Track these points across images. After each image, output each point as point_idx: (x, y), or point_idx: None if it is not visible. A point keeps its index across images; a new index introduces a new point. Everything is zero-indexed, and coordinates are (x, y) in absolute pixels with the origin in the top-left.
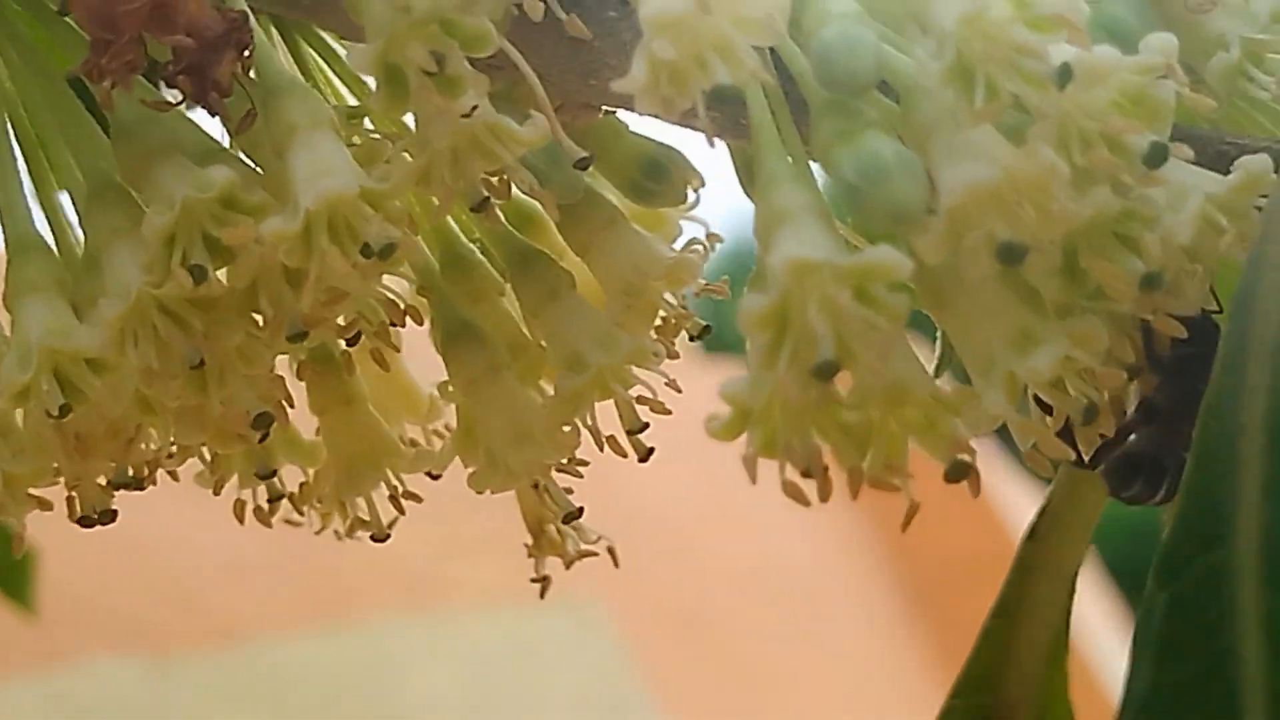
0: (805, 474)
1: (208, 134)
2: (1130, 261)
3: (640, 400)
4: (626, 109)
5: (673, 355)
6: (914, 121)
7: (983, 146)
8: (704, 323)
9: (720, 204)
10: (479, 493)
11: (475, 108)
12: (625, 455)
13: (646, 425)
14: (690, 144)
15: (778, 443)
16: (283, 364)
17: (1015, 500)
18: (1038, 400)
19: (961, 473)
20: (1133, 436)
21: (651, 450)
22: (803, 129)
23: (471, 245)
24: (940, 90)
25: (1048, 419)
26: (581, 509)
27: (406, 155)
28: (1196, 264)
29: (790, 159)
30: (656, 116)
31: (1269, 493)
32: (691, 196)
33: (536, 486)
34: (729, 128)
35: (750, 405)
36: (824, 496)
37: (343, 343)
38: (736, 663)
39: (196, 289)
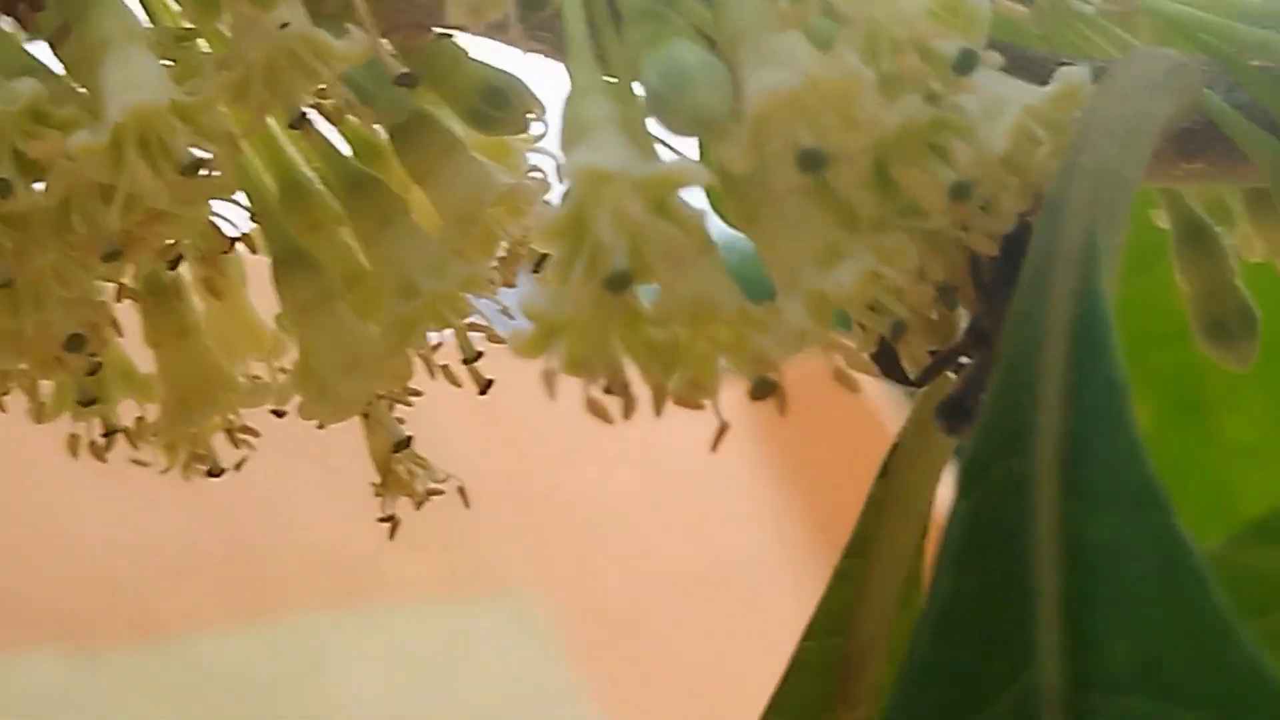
0: (607, 390)
1: (25, 50)
2: (942, 171)
3: (474, 328)
4: (452, 27)
5: (510, 283)
6: (724, 28)
7: (789, 53)
8: (543, 251)
9: None
10: (320, 427)
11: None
12: (460, 385)
13: (481, 354)
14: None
15: (578, 359)
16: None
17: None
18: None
19: (765, 390)
20: (965, 360)
21: (490, 382)
22: None
23: (311, 174)
24: None
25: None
26: (410, 438)
27: (224, 71)
28: (1013, 177)
29: (608, 77)
30: (463, 29)
31: (1069, 398)
32: (538, 128)
33: (368, 416)
34: (561, 47)
35: (551, 319)
36: (626, 413)
37: (170, 270)
38: (675, 663)
39: (5, 204)
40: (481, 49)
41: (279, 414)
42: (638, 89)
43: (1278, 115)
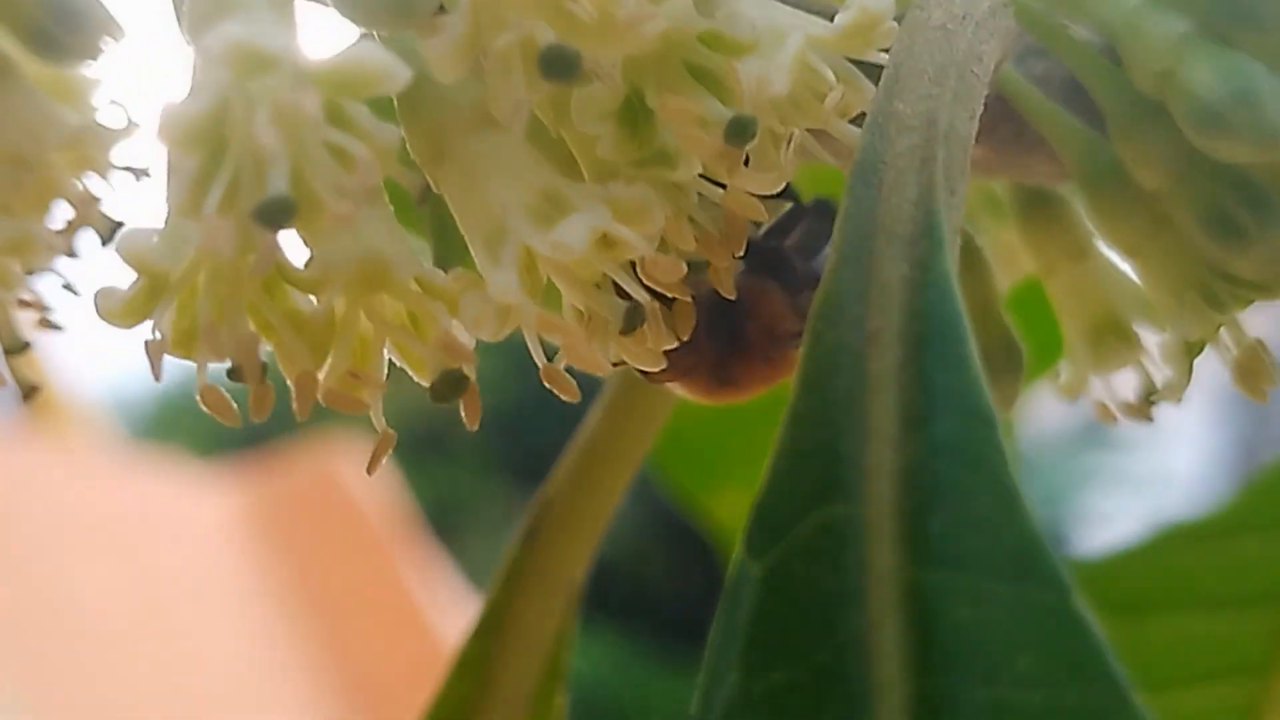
0: (234, 374)
1: None
2: (711, 103)
3: (26, 304)
4: None
5: (71, 253)
6: None
7: None
8: (116, 220)
9: None
10: None
11: None
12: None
13: (28, 344)
14: None
15: (199, 328)
16: None
17: (449, 606)
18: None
19: (454, 388)
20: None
21: (36, 388)
22: None
23: None
24: None
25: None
26: None
27: None
28: (789, 126)
29: None
30: None
31: (910, 423)
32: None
33: None
34: None
35: (161, 269)
36: (257, 411)
37: None
38: None
39: None
40: None
41: None
42: None
43: (1089, 82)
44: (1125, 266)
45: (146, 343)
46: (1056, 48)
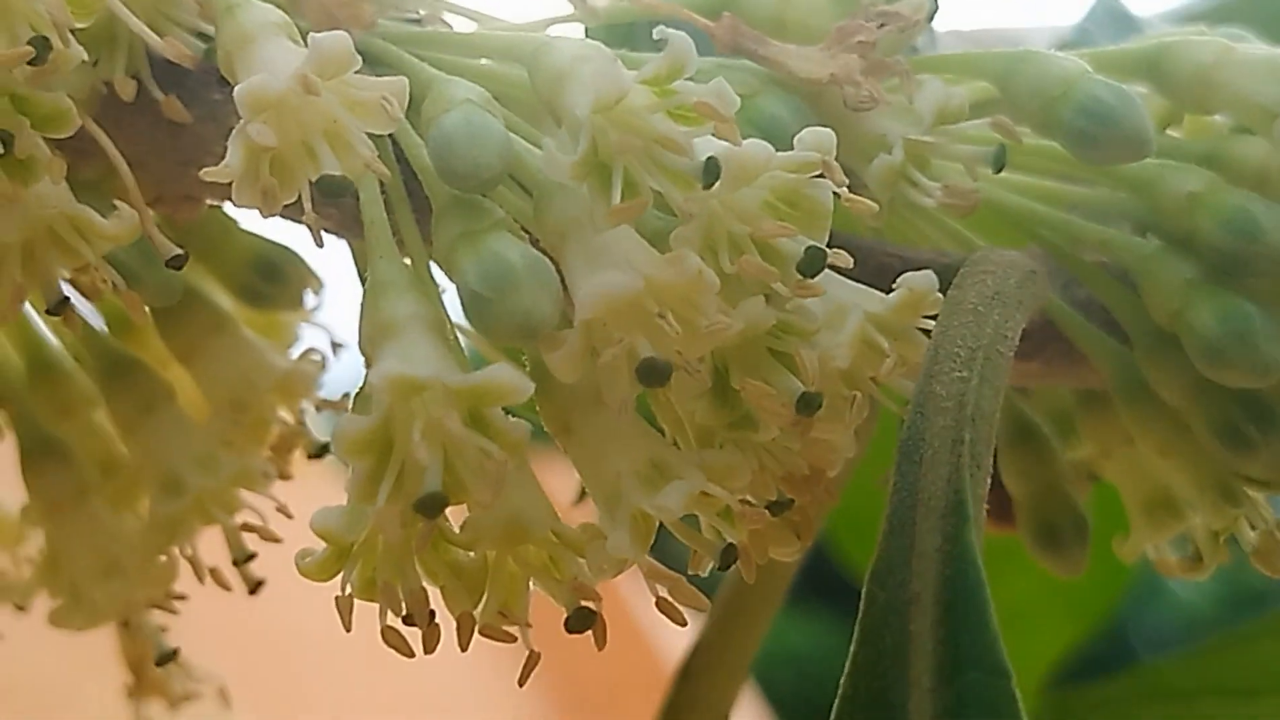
0: (408, 620)
1: None
2: (786, 380)
3: (247, 528)
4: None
5: (285, 475)
6: (546, 222)
7: (622, 250)
8: (323, 440)
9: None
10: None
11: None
12: (230, 589)
13: (254, 555)
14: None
15: (377, 583)
16: None
17: (671, 632)
18: None
19: (584, 622)
20: None
21: (261, 583)
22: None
23: (63, 350)
24: (574, 186)
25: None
26: (177, 650)
27: None
28: (855, 389)
29: (408, 262)
30: (258, 210)
31: (942, 676)
32: (311, 301)
33: (128, 625)
34: (350, 226)
35: (345, 540)
36: (428, 646)
37: None
38: None
39: None
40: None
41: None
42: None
43: (1118, 314)
44: None
45: (337, 598)
46: (1089, 282)
